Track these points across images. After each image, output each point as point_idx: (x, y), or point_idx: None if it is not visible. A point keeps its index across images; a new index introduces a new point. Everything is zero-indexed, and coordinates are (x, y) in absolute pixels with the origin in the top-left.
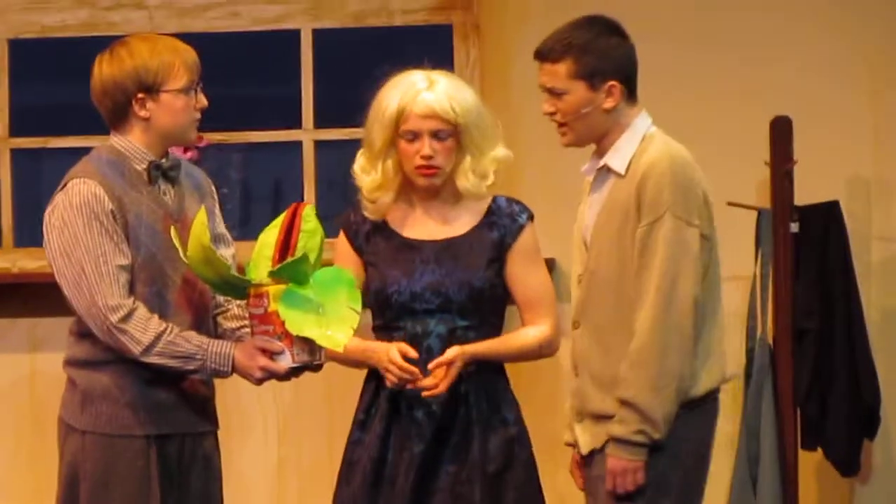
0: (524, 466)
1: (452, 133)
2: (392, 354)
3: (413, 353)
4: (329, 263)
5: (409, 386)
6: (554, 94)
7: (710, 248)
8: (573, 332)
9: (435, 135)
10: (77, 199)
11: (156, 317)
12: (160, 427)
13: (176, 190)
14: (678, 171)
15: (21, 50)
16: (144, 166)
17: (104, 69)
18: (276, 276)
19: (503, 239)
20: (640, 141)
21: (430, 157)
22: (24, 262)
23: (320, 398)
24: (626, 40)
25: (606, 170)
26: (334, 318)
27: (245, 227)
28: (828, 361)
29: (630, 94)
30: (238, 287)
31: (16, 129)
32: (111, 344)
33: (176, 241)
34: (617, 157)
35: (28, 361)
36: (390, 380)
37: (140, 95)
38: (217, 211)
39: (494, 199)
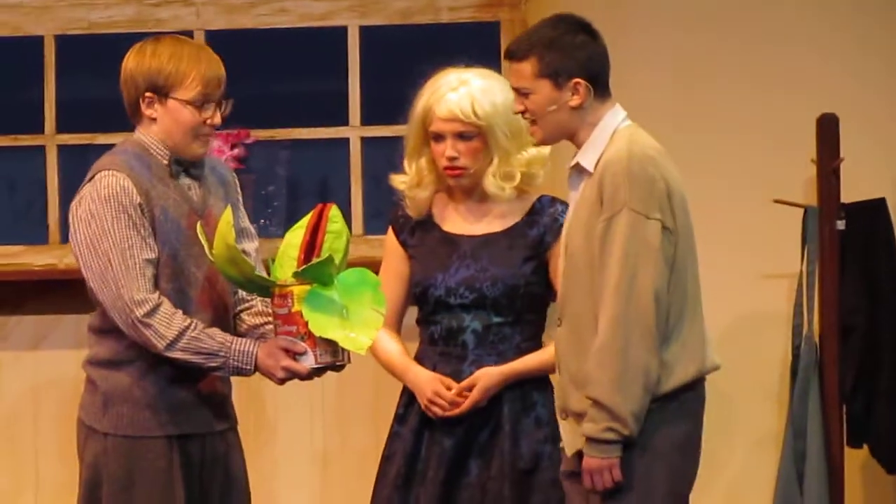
0: (554, 467)
1: (478, 134)
2: (438, 388)
3: (452, 384)
4: (354, 264)
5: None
6: (521, 93)
7: (676, 241)
8: (557, 330)
9: (459, 136)
10: (105, 191)
11: (180, 312)
12: (182, 427)
13: (201, 185)
14: (635, 166)
15: (68, 46)
16: (167, 161)
17: (128, 61)
18: (300, 277)
19: (543, 237)
20: (610, 137)
21: (453, 159)
22: (70, 258)
23: (369, 390)
24: (593, 38)
25: (579, 168)
26: (358, 321)
27: (291, 223)
28: (874, 359)
29: (599, 91)
30: (264, 287)
31: (62, 126)
32: (135, 338)
33: (202, 238)
34: (587, 156)
35: (74, 357)
36: (436, 413)
37: (148, 95)
38: (241, 205)
39: (539, 198)
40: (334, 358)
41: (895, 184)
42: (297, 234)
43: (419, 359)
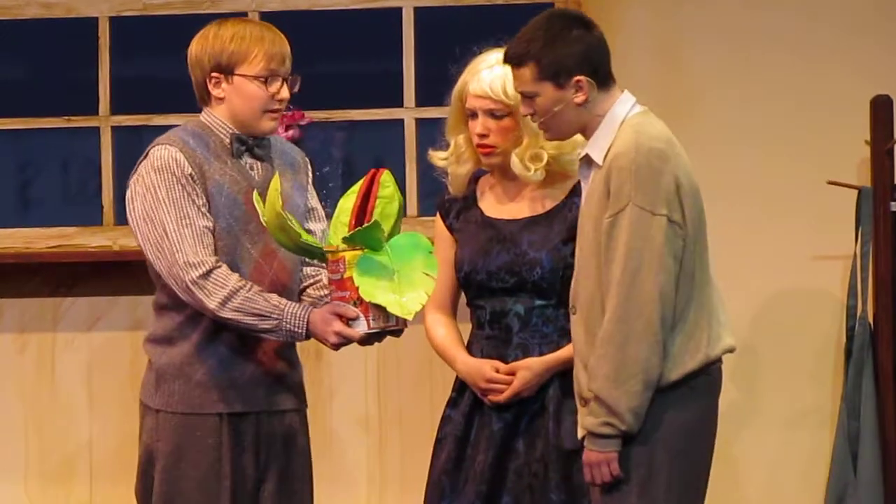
0: None
1: (509, 113)
2: (490, 375)
3: (501, 366)
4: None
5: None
6: (526, 96)
7: (685, 234)
8: (572, 318)
9: (490, 114)
10: (158, 163)
11: (237, 275)
12: (233, 405)
13: (264, 166)
14: (642, 161)
15: (123, 27)
16: (229, 140)
17: (192, 45)
18: (348, 242)
19: None
20: (619, 127)
21: (483, 136)
22: (124, 239)
23: (424, 377)
24: (588, 30)
25: (588, 160)
26: (409, 284)
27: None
28: None
29: (601, 82)
30: (315, 253)
31: (117, 107)
32: (190, 302)
33: (258, 206)
34: (595, 147)
35: (128, 339)
36: (494, 398)
37: (214, 75)
38: (310, 186)
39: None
40: (387, 323)
41: None
42: (349, 200)
43: (470, 342)
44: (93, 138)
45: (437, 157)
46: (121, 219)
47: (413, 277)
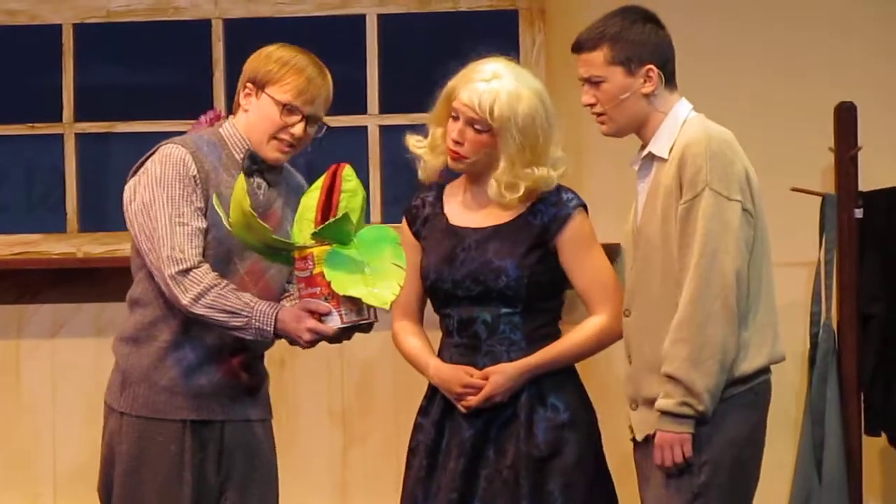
0: (576, 452)
1: (489, 130)
2: (465, 380)
3: (474, 371)
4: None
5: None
6: (592, 83)
7: (754, 224)
8: (624, 321)
9: (471, 123)
10: (164, 159)
11: (214, 273)
12: (197, 412)
13: (272, 191)
14: (716, 147)
15: (87, 34)
16: (242, 155)
17: (251, 58)
18: (318, 237)
19: (548, 227)
20: (681, 126)
21: (457, 143)
22: (88, 246)
23: (389, 386)
24: (661, 28)
25: (651, 157)
26: (380, 276)
27: None
28: (892, 347)
29: (668, 80)
30: (283, 252)
31: (81, 114)
32: (168, 296)
33: (218, 209)
34: (659, 143)
35: (93, 346)
36: (469, 403)
37: (248, 86)
38: None
39: None
40: (360, 316)
41: None
42: (312, 196)
43: (440, 350)
44: (56, 145)
45: (414, 142)
46: (85, 226)
47: (383, 269)
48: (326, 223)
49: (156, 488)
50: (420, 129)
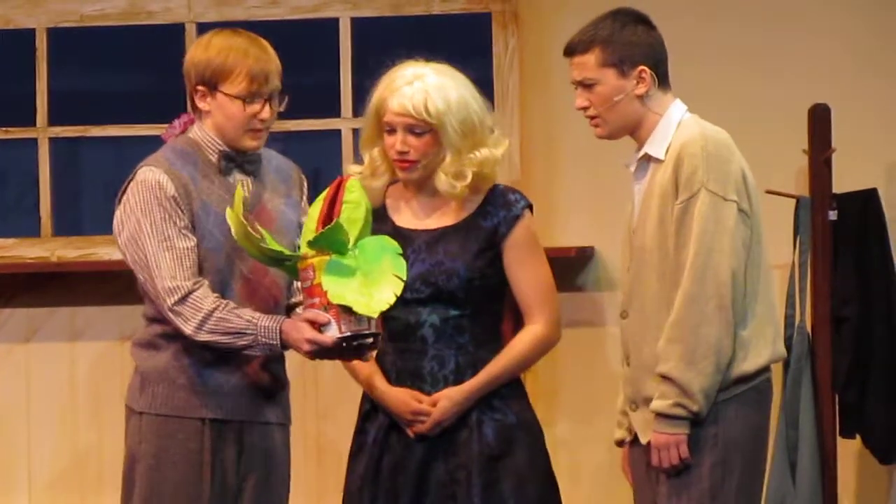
0: (527, 453)
1: (430, 130)
2: (415, 407)
3: (423, 398)
4: None
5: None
6: (585, 86)
7: (751, 225)
8: (621, 322)
9: (410, 130)
10: (141, 187)
11: (213, 296)
12: (216, 411)
13: (255, 182)
14: (711, 147)
15: (60, 38)
16: (216, 157)
17: (188, 53)
18: (313, 245)
19: (497, 228)
20: (677, 126)
21: (402, 153)
22: (63, 250)
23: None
24: (652, 29)
25: (647, 158)
26: (375, 285)
27: None
28: (866, 349)
29: (661, 80)
30: (281, 261)
31: (55, 118)
32: (173, 326)
33: (230, 220)
34: (655, 144)
35: (67, 350)
36: (419, 429)
37: (200, 88)
38: (304, 202)
39: (493, 188)
40: (360, 327)
41: (887, 174)
42: (317, 207)
43: (380, 355)
44: (30, 150)
45: (353, 171)
46: (59, 230)
47: (381, 279)
48: (320, 232)
49: (176, 485)
50: None
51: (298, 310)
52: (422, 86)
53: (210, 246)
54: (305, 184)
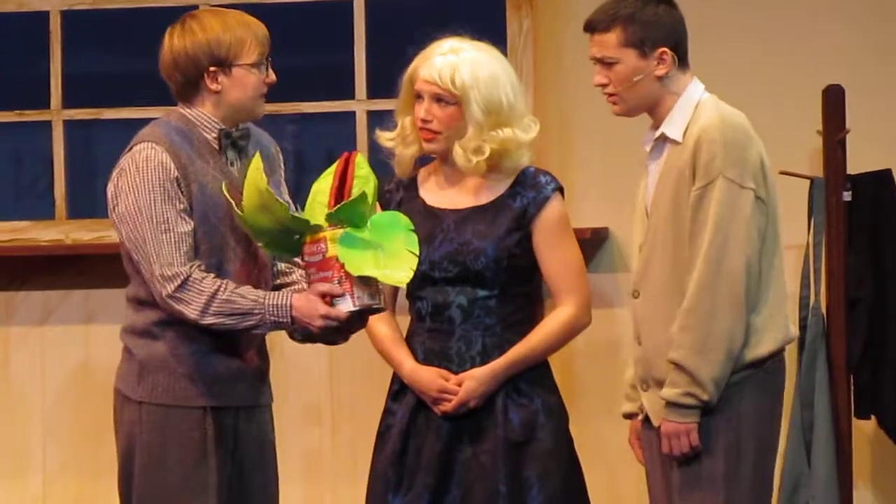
0: (551, 438)
1: (455, 102)
2: (443, 385)
3: (451, 376)
4: None
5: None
6: (605, 64)
7: (766, 211)
8: (633, 302)
9: (437, 99)
10: (143, 164)
11: (211, 276)
12: (218, 399)
13: (244, 161)
14: (730, 134)
15: (74, 21)
16: (215, 135)
17: (175, 42)
18: (333, 217)
19: (526, 209)
20: (695, 108)
21: (426, 121)
22: (77, 233)
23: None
24: (674, 9)
25: (663, 139)
26: (393, 259)
27: (298, 197)
28: (881, 330)
29: (681, 61)
30: (294, 236)
31: (69, 101)
32: (172, 312)
33: (228, 196)
34: (673, 125)
35: (82, 333)
36: (444, 408)
37: (212, 69)
38: (283, 179)
39: (524, 170)
40: (372, 301)
41: None
42: (325, 182)
43: (410, 335)
44: (44, 132)
45: (384, 138)
46: (73, 213)
47: (396, 253)
48: (343, 203)
49: (181, 476)
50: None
51: (294, 286)
52: (455, 59)
53: (207, 228)
54: (281, 157)
